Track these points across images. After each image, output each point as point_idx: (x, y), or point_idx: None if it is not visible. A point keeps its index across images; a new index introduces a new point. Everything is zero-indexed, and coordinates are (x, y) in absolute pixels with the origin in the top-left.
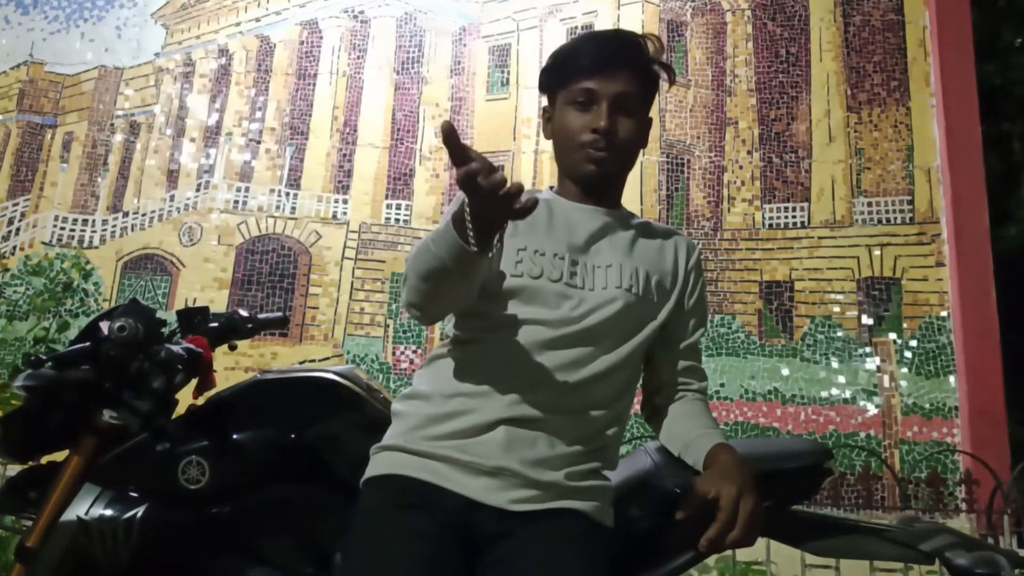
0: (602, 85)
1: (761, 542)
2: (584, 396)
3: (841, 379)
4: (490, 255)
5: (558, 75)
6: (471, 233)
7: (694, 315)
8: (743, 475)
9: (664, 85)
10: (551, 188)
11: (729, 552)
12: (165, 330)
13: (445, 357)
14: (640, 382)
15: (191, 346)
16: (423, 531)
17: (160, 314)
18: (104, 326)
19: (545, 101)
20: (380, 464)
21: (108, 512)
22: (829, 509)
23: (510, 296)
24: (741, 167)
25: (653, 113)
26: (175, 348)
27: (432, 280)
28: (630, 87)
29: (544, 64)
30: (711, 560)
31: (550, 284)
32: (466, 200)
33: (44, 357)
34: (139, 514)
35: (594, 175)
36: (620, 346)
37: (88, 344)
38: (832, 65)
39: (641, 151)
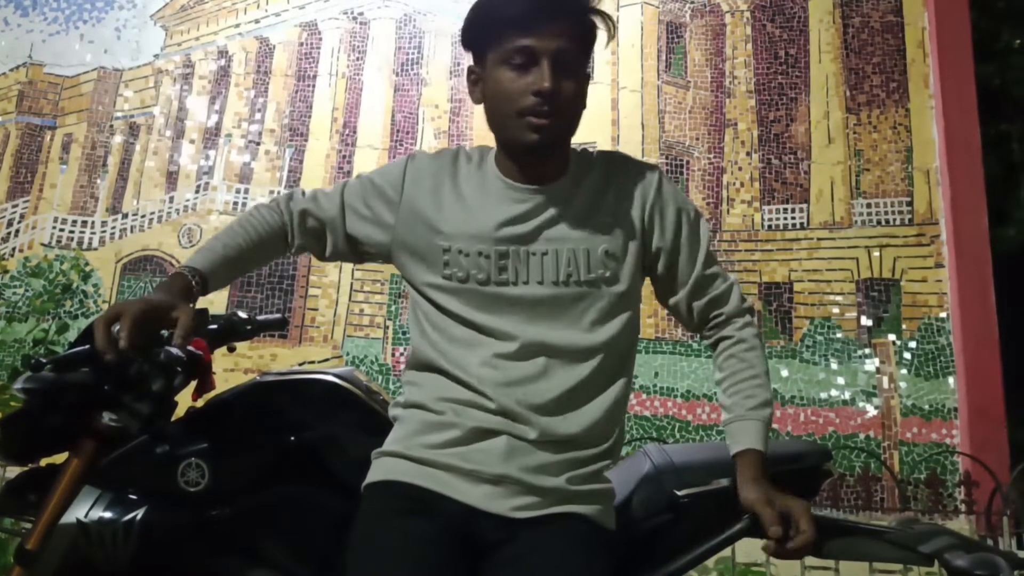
0: (541, 42)
1: (760, 543)
2: (567, 397)
3: (840, 380)
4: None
5: (488, 31)
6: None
7: (678, 248)
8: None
9: (663, 87)
10: (492, 154)
11: (729, 554)
12: (164, 332)
13: (424, 365)
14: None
15: (190, 348)
16: (425, 538)
17: None
18: None
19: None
20: (381, 470)
21: (108, 514)
22: (829, 511)
23: (446, 302)
24: (740, 168)
25: (653, 115)
26: (174, 350)
27: None
28: (571, 42)
29: (467, 17)
30: (710, 562)
31: (478, 287)
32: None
33: (44, 360)
34: (139, 516)
35: (535, 145)
36: (580, 335)
37: (88, 347)
38: (831, 66)
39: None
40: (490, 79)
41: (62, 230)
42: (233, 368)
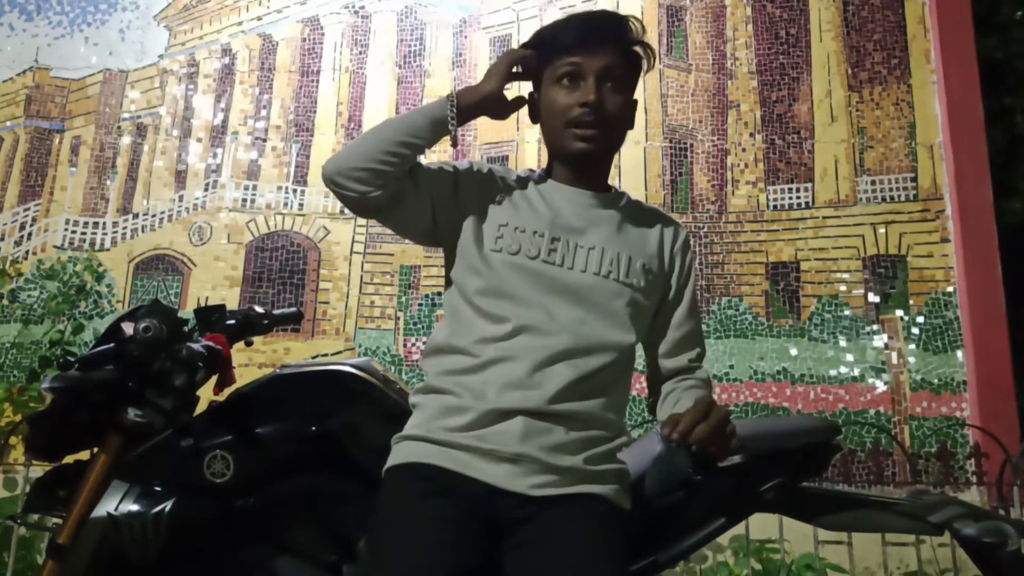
0: (588, 60)
1: (774, 519)
2: (586, 381)
3: (849, 357)
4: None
5: (542, 55)
6: (452, 113)
7: (683, 300)
8: (715, 403)
9: (665, 71)
10: (543, 170)
11: (743, 531)
12: (185, 328)
13: (447, 347)
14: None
15: (210, 344)
16: (446, 517)
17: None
18: (127, 327)
19: (529, 87)
20: (402, 453)
21: (137, 507)
22: (840, 486)
23: (491, 273)
24: (744, 150)
25: (655, 99)
26: (195, 346)
27: (395, 145)
28: (616, 63)
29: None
30: (724, 539)
31: (528, 261)
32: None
33: (72, 359)
34: (167, 508)
35: (584, 153)
36: (609, 329)
37: (112, 345)
38: (832, 45)
39: (628, 132)
40: (544, 98)
41: (74, 232)
42: (248, 363)
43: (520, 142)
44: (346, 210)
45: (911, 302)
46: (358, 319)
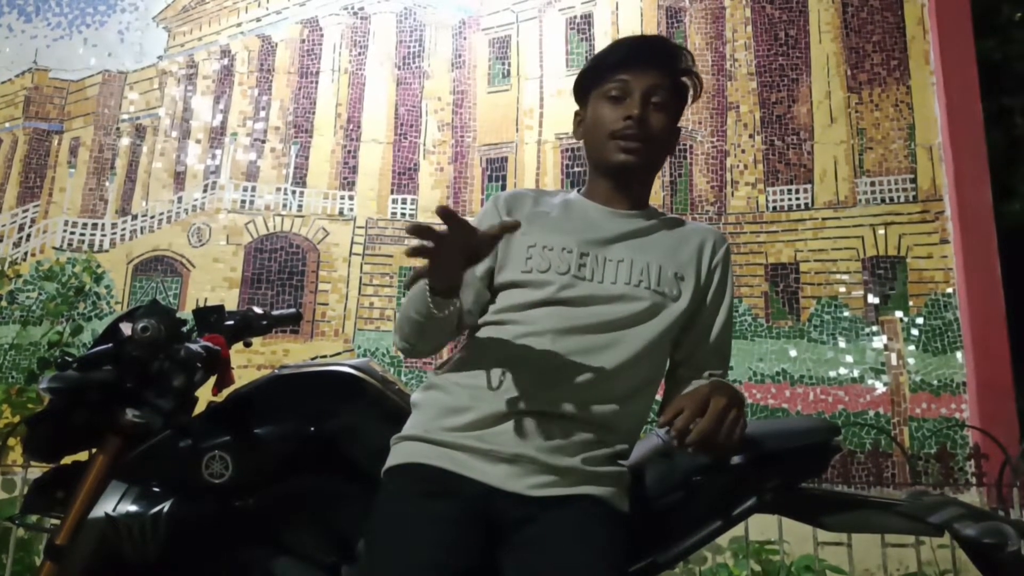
0: (636, 77)
1: (773, 520)
2: (598, 389)
3: (849, 358)
4: (455, 305)
5: (593, 74)
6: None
7: (717, 315)
8: (717, 384)
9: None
10: (578, 190)
11: (742, 532)
12: (183, 329)
13: (463, 349)
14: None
15: (209, 344)
16: (445, 518)
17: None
18: (126, 327)
19: (577, 107)
20: (401, 453)
21: (135, 508)
22: (840, 487)
23: (520, 290)
24: (743, 151)
25: None
26: (194, 347)
27: (417, 328)
28: (663, 85)
29: (579, 73)
30: (723, 540)
31: (557, 277)
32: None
33: (70, 360)
34: (166, 509)
35: (626, 164)
36: (635, 341)
37: (111, 345)
38: (831, 46)
39: (668, 157)
40: (590, 113)
41: (73, 233)
42: (247, 364)
43: (519, 143)
44: (345, 211)
45: (910, 303)
46: (357, 320)
